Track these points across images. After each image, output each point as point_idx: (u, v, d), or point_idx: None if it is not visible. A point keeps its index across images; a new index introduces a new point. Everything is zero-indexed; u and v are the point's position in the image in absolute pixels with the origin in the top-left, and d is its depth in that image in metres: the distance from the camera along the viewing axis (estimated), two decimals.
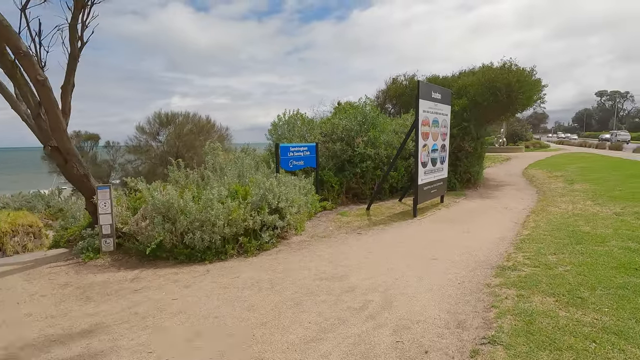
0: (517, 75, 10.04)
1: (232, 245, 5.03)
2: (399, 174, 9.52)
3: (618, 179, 10.51)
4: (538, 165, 17.69)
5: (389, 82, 14.52)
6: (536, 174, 14.30)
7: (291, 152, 7.50)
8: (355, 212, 7.77)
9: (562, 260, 4.22)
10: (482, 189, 10.84)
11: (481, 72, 10.95)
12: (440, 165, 8.06)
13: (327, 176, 8.66)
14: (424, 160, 7.25)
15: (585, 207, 7.11)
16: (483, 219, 6.89)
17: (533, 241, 5.09)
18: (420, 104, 6.84)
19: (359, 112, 9.32)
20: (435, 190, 7.90)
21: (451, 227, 6.35)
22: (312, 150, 8.07)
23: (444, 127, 8.16)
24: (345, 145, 8.99)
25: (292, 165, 7.57)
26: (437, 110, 7.61)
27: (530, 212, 7.30)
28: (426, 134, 7.22)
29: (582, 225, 5.71)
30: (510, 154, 25.43)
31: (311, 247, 5.35)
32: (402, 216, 7.32)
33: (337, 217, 7.41)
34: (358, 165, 8.85)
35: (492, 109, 10.56)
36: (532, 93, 10.44)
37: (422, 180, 7.21)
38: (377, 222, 6.83)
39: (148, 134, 13.86)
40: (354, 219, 7.12)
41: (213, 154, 7.03)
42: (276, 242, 5.44)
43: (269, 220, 5.26)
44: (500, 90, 10.00)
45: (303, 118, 11.49)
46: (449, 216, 7.28)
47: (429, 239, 5.62)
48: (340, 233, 6.13)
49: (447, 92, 8.21)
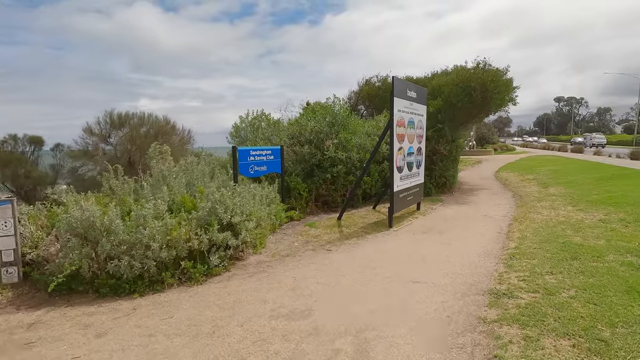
0: (492, 75, 9.68)
1: (172, 271, 4.08)
2: (372, 179, 8.85)
3: (590, 182, 10.39)
4: (509, 168, 17.72)
5: (361, 82, 13.93)
6: (509, 177, 14.16)
7: (252, 156, 6.61)
8: (325, 223, 6.98)
9: (562, 282, 3.62)
10: (458, 194, 10.39)
11: (455, 72, 10.54)
12: (416, 169, 7.45)
13: (294, 183, 7.83)
14: (400, 165, 6.59)
15: (568, 213, 6.70)
16: (464, 229, 6.30)
17: (523, 256, 4.50)
18: (395, 103, 6.18)
19: (328, 112, 8.57)
20: (411, 197, 7.27)
21: (431, 239, 5.70)
22: (277, 154, 7.22)
23: (420, 128, 7.56)
24: (314, 148, 8.20)
25: (253, 171, 6.68)
26: (412, 110, 6.99)
27: (512, 220, 6.80)
28: (401, 135, 6.56)
29: (571, 236, 5.21)
30: (480, 157, 25.67)
31: (271, 270, 4.48)
32: (377, 227, 6.60)
33: (304, 229, 6.58)
34: (328, 170, 8.09)
35: (466, 110, 10.15)
36: (506, 93, 10.13)
37: (398, 186, 6.54)
38: (349, 235, 6.07)
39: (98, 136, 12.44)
40: (324, 232, 6.32)
41: (159, 159, 6.02)
42: (229, 265, 4.54)
43: (218, 239, 4.35)
44: (475, 90, 9.59)
45: (268, 119, 10.63)
46: (427, 226, 6.64)
47: (408, 255, 4.91)
48: (307, 250, 5.31)
49: (422, 90, 7.63)
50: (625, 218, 5.88)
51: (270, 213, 6.40)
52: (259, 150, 6.84)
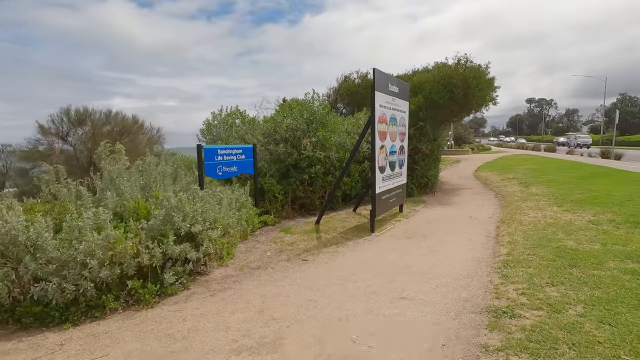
0: (474, 72, 9.41)
1: (116, 293, 3.41)
2: (352, 180, 8.36)
3: (569, 181, 10.32)
4: (487, 167, 17.73)
5: (340, 79, 13.45)
6: (488, 176, 14.05)
7: (220, 155, 5.97)
8: (302, 228, 6.43)
9: (566, 295, 3.21)
10: (440, 194, 10.08)
11: (437, 69, 10.22)
12: (399, 169, 7.01)
13: (268, 184, 7.23)
14: (382, 165, 6.11)
15: (555, 214, 6.43)
16: (450, 233, 5.90)
17: (518, 264, 4.10)
18: (377, 98, 5.69)
19: (305, 109, 8.02)
20: (394, 199, 6.82)
21: (416, 245, 5.25)
22: (249, 154, 6.60)
23: (402, 125, 7.13)
24: (290, 147, 7.62)
25: (221, 173, 6.03)
26: (394, 106, 6.54)
27: (499, 221, 6.47)
28: (383, 133, 6.09)
29: (564, 239, 4.88)
30: (459, 156, 25.81)
31: (238, 287, 3.88)
32: (358, 231, 6.11)
33: (279, 235, 6.00)
34: (306, 171, 7.53)
35: (448, 108, 9.85)
36: (487, 92, 9.89)
37: (380, 188, 6.07)
38: (328, 242, 5.54)
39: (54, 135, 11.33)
40: (300, 238, 5.76)
41: (111, 159, 5.28)
42: (188, 282, 3.90)
43: (175, 252, 3.71)
44: (457, 87, 9.28)
45: (244, 116, 9.98)
46: (412, 229, 6.21)
47: (393, 265, 4.43)
48: (281, 260, 4.73)
49: (405, 85, 7.20)
50: (614, 219, 5.64)
51: (241, 219, 5.79)
52: (229, 149, 6.19)
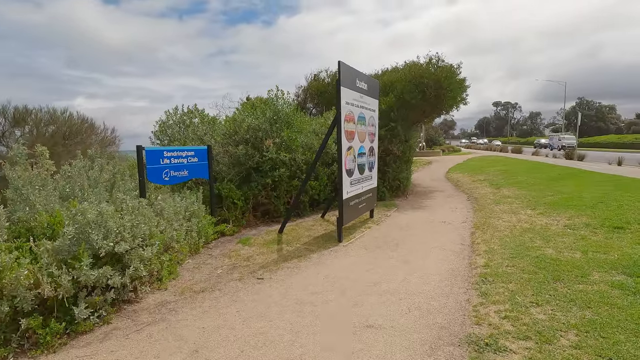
0: (446, 71, 9.13)
1: (5, 335, 2.66)
2: (320, 183, 7.81)
3: (539, 182, 10.28)
4: (458, 169, 17.75)
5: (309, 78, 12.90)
6: (460, 178, 13.95)
7: (166, 158, 5.23)
8: (263, 238, 5.79)
9: (554, 319, 2.78)
10: (413, 198, 9.73)
11: (407, 68, 9.89)
12: (368, 172, 6.52)
13: (226, 190, 6.54)
14: (350, 167, 5.59)
15: (530, 218, 6.16)
16: (422, 241, 5.46)
17: (497, 278, 3.67)
18: (343, 94, 5.17)
19: (268, 107, 7.39)
20: (364, 205, 6.32)
21: (386, 256, 4.75)
22: (203, 156, 5.90)
23: (372, 125, 6.66)
24: (251, 149, 6.97)
25: (168, 178, 5.29)
26: (363, 103, 6.05)
27: (473, 227, 6.11)
28: (351, 133, 5.58)
29: (542, 247, 4.53)
30: (430, 157, 25.95)
31: (172, 318, 3.20)
32: (324, 241, 5.55)
33: (236, 247, 5.34)
34: (269, 174, 6.90)
35: (420, 108, 9.52)
36: (459, 92, 9.66)
37: (348, 193, 5.55)
38: (290, 255, 4.94)
39: None
40: (259, 251, 5.13)
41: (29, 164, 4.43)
42: (110, 314, 3.17)
43: (90, 278, 2.99)
44: (428, 87, 8.97)
45: (202, 115, 9.19)
46: (382, 237, 5.72)
47: (360, 281, 3.89)
48: (232, 280, 4.08)
49: (374, 83, 6.74)
50: (590, 223, 5.40)
51: (191, 230, 5.09)
52: (177, 151, 5.47)
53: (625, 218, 5.36)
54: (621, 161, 15.29)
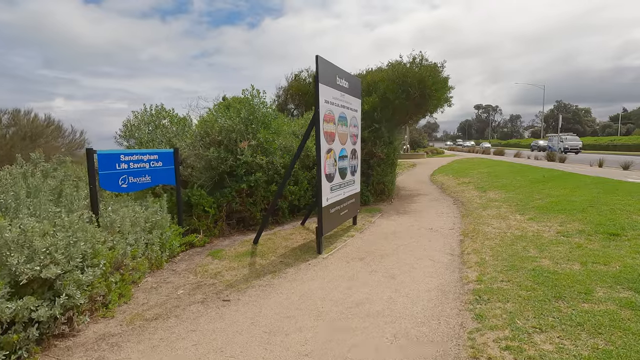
0: (430, 70, 8.83)
1: None
2: (300, 188, 7.34)
3: (525, 185, 10.09)
4: (443, 171, 17.58)
5: (290, 78, 12.43)
6: (445, 181, 13.72)
7: (123, 163, 4.66)
8: (236, 250, 5.27)
9: (563, 349, 2.39)
10: (398, 202, 9.36)
11: (391, 68, 9.55)
12: (351, 177, 6.09)
13: (196, 196, 5.99)
14: (329, 172, 5.14)
15: (520, 224, 5.84)
16: (409, 251, 5.05)
17: (492, 296, 3.28)
18: (321, 91, 4.72)
19: (243, 106, 6.88)
20: (346, 212, 5.87)
21: (370, 270, 4.31)
22: (168, 160, 5.34)
23: (354, 126, 6.23)
24: (224, 151, 6.44)
25: (126, 185, 4.72)
26: (344, 102, 5.62)
27: (462, 234, 5.76)
28: (331, 134, 5.13)
29: (538, 257, 4.18)
30: (414, 160, 25.85)
31: (112, 356, 2.66)
32: (303, 253, 5.07)
33: (204, 261, 4.81)
34: (244, 179, 6.39)
35: (404, 109, 9.18)
36: (443, 92, 9.38)
37: (328, 199, 5.09)
38: (263, 269, 4.44)
39: None
40: (229, 265, 4.60)
41: None
42: (33, 355, 2.61)
43: (5, 312, 2.42)
44: (412, 86, 8.64)
45: (172, 116, 8.61)
46: (365, 247, 5.29)
47: (340, 303, 3.43)
48: (194, 303, 3.55)
49: (356, 81, 6.31)
50: (583, 229, 5.10)
51: (152, 243, 4.53)
52: (138, 154, 4.90)
53: (620, 223, 5.09)
54: (602, 163, 15.41)
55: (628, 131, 58.74)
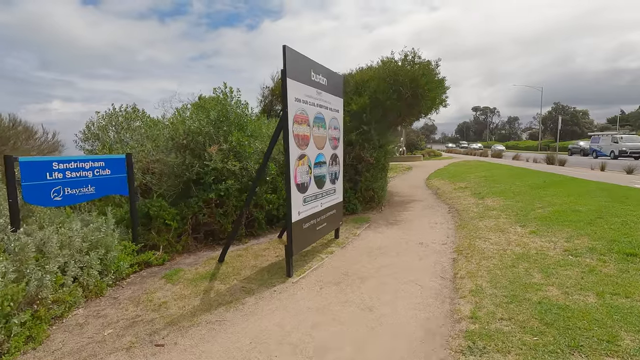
0: (423, 68, 8.18)
1: None
2: (279, 197, 6.65)
3: (525, 191, 9.44)
4: (439, 174, 16.93)
5: (276, 77, 11.74)
6: (440, 185, 13.06)
7: (57, 172, 3.97)
8: (196, 271, 4.58)
9: None
10: (388, 210, 8.69)
11: (382, 66, 8.89)
12: (331, 185, 5.41)
13: (156, 208, 5.30)
14: (302, 181, 4.46)
15: (521, 238, 5.18)
16: (393, 272, 4.37)
17: (490, 342, 2.60)
18: (290, 88, 4.04)
19: (213, 107, 6.20)
20: (324, 225, 5.19)
21: (345, 299, 3.63)
22: (119, 167, 4.66)
23: (335, 129, 5.56)
24: (190, 156, 5.75)
25: (61, 197, 4.03)
26: (322, 102, 4.95)
27: (456, 250, 5.08)
28: (303, 137, 4.45)
29: (543, 285, 3.51)
30: (410, 163, 25.21)
31: None
32: (271, 275, 4.38)
33: (156, 285, 4.12)
34: (212, 188, 5.70)
35: (396, 110, 8.52)
36: (438, 92, 8.72)
37: (301, 213, 4.41)
38: (218, 300, 3.74)
39: None
40: (181, 292, 3.91)
41: None
42: None
43: None
44: (404, 85, 7.98)
45: (145, 117, 7.92)
46: (345, 268, 4.60)
47: (298, 351, 2.75)
48: (117, 349, 2.85)
49: (337, 78, 5.64)
50: (594, 247, 4.44)
51: (90, 267, 3.84)
52: (78, 161, 4.21)
53: (636, 240, 4.42)
54: (604, 166, 14.79)
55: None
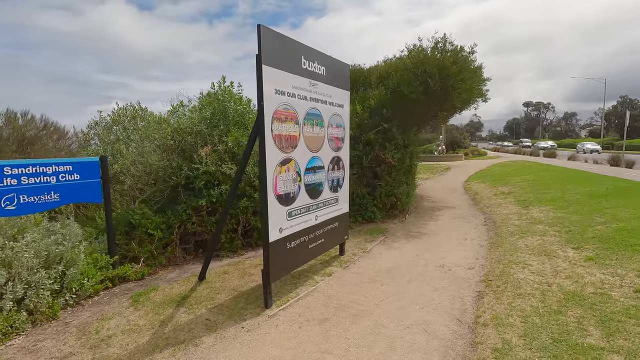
0: (454, 55, 7.04)
1: None
2: None
3: (582, 199, 7.93)
4: (480, 176, 15.35)
5: None
6: (480, 189, 11.65)
7: (9, 177, 3.54)
8: (170, 291, 3.99)
9: None
10: (414, 217, 7.66)
11: (408, 55, 7.85)
12: (331, 194, 4.57)
13: (138, 216, 4.80)
14: (287, 191, 3.68)
15: (573, 267, 4.02)
16: (398, 308, 3.47)
17: None
18: (267, 77, 3.27)
19: (208, 103, 5.60)
20: (322, 242, 4.37)
21: (323, 351, 2.81)
22: (90, 172, 4.18)
23: (338, 127, 4.70)
24: (180, 159, 5.20)
25: (15, 206, 3.59)
26: (318, 94, 4.12)
27: (484, 280, 4.05)
28: (289, 137, 3.66)
29: (605, 350, 2.46)
30: (450, 162, 23.46)
31: None
32: (248, 302, 3.66)
33: (115, 309, 3.57)
34: (203, 194, 5.11)
35: (422, 104, 7.45)
36: (474, 83, 7.52)
37: (284, 230, 3.63)
38: (172, 336, 3.08)
39: None
40: (136, 323, 3.31)
41: None
42: None
43: None
44: (432, 76, 6.90)
45: (142, 116, 7.56)
46: (338, 298, 3.77)
47: None
48: None
49: (341, 67, 4.75)
50: None
51: (40, 287, 3.36)
52: (37, 165, 3.76)
53: None
54: None
55: None
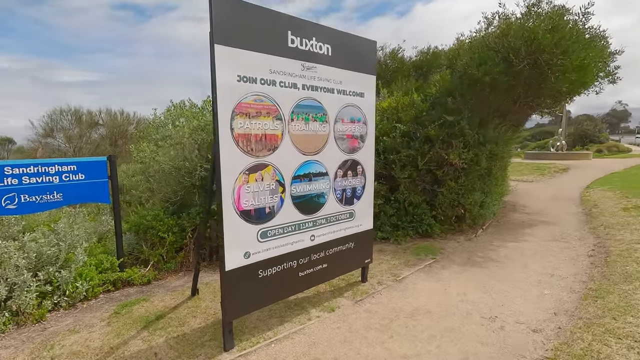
0: (551, 19, 5.14)
1: None
2: None
3: None
4: (609, 181, 11.87)
5: None
6: (602, 199, 8.84)
7: (9, 177, 3.60)
8: (157, 303, 3.66)
9: None
10: (488, 235, 6.01)
11: (486, 27, 6.15)
12: (340, 207, 3.60)
13: (149, 218, 4.62)
14: (256, 206, 2.88)
15: None
16: None
17: None
18: (220, 59, 2.53)
19: None
20: (323, 267, 3.46)
21: None
22: (97, 172, 4.11)
23: (356, 122, 3.67)
24: (197, 158, 4.87)
25: (16, 205, 3.65)
26: (315, 80, 3.20)
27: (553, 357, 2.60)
28: (264, 137, 2.86)
29: None
30: (570, 162, 19.07)
31: None
32: (214, 337, 3.03)
33: (92, 320, 3.37)
34: None
35: (503, 90, 5.72)
36: (588, 58, 5.43)
37: (252, 256, 2.86)
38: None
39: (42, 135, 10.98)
40: (91, 343, 3.00)
41: None
42: None
43: None
44: (515, 50, 5.17)
45: (185, 113, 7.58)
46: (320, 353, 2.84)
47: None
48: None
49: (356, 43, 3.65)
50: None
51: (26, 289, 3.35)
52: (39, 165, 3.78)
53: None
54: None
55: None
